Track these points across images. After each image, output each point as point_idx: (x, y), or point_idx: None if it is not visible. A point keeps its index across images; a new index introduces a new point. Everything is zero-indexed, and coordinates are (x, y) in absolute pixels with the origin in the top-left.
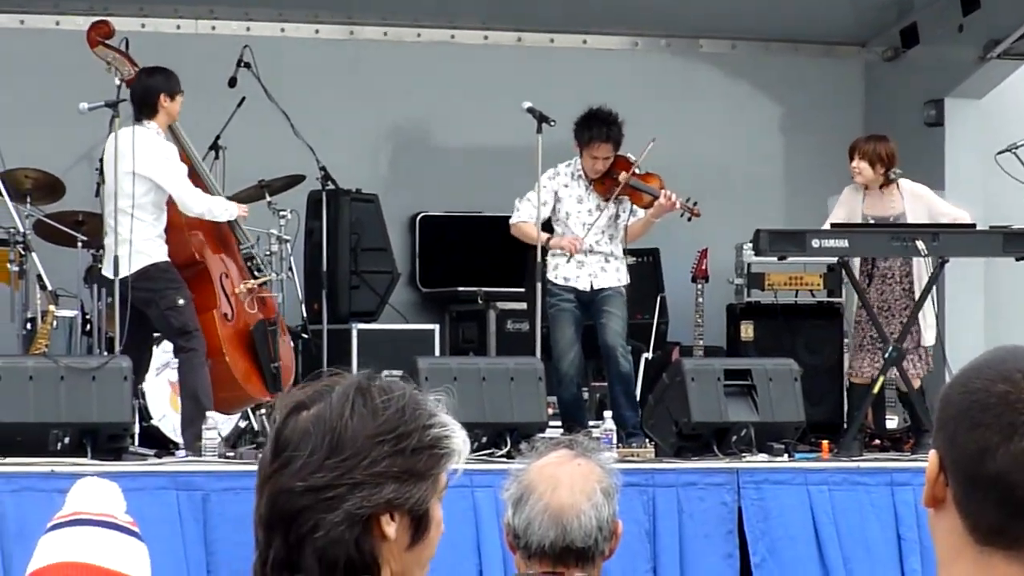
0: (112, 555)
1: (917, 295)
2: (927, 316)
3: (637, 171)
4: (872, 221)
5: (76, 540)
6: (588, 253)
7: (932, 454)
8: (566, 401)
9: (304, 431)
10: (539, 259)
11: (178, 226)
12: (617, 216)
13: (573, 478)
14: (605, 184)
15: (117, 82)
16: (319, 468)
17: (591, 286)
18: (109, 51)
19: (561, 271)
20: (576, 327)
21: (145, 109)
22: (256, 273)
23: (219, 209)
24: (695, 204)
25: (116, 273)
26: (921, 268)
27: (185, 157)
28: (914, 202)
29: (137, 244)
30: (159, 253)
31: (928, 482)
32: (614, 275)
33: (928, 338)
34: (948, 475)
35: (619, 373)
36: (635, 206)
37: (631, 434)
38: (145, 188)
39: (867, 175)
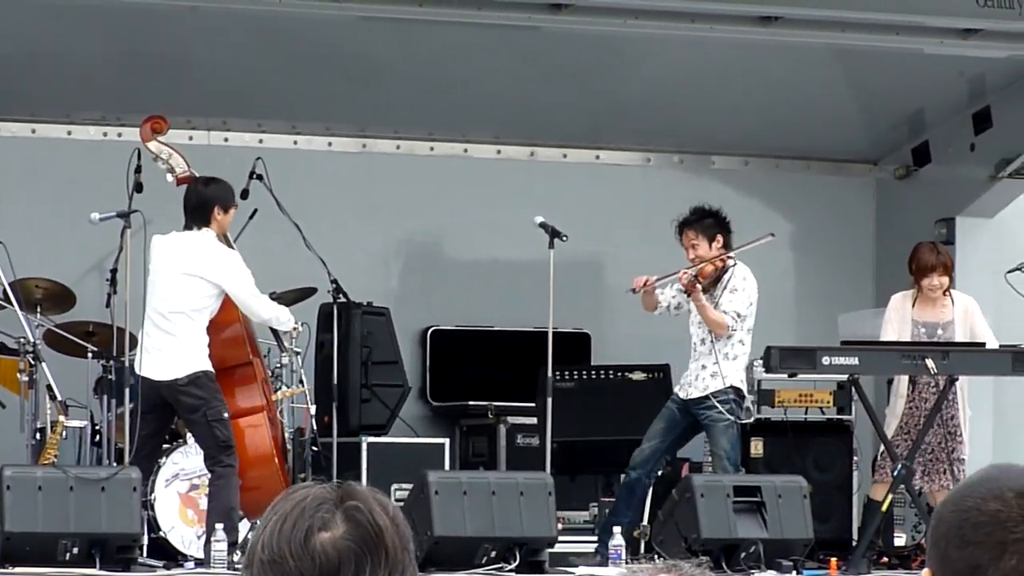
0: None
1: (960, 408)
2: (965, 430)
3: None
4: (922, 328)
5: None
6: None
7: (925, 572)
8: (625, 487)
9: (347, 551)
10: (549, 373)
11: (232, 322)
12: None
13: None
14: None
15: (169, 179)
16: None
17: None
18: (164, 147)
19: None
20: (668, 424)
21: (198, 218)
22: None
23: (285, 317)
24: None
25: (131, 372)
26: (962, 381)
27: None
28: (963, 315)
29: (190, 348)
30: (207, 362)
31: None
32: (699, 386)
33: (963, 451)
34: None
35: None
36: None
37: None
38: (206, 292)
39: (946, 285)
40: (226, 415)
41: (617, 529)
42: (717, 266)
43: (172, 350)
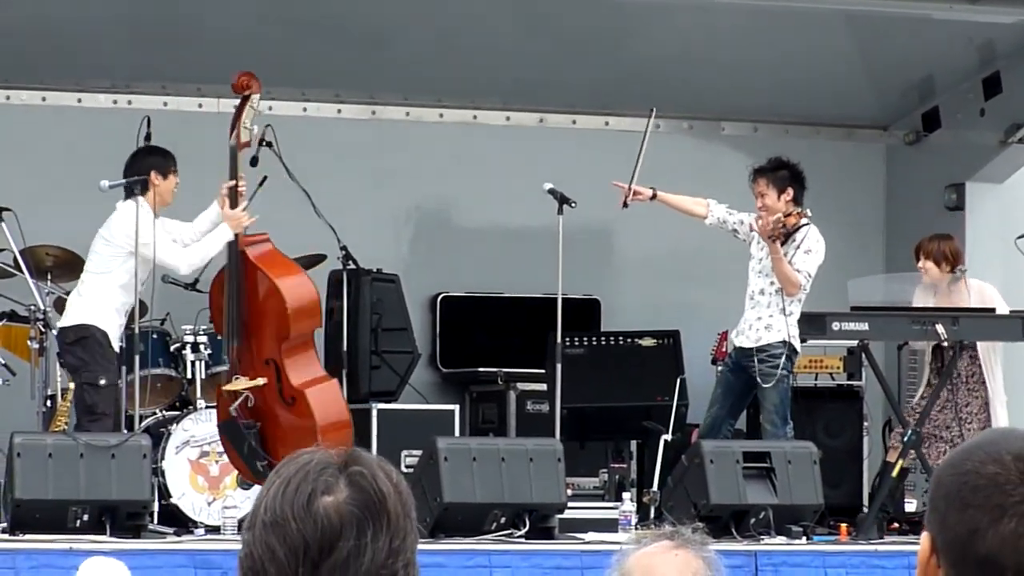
0: None
1: (988, 394)
2: (997, 418)
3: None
4: None
5: None
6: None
7: (924, 535)
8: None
9: (349, 515)
10: (559, 339)
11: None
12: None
13: (668, 568)
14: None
15: (245, 137)
16: (377, 552)
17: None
18: (240, 106)
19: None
20: (726, 389)
21: (136, 187)
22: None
23: (204, 252)
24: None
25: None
26: (989, 357)
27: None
28: (981, 301)
29: (90, 301)
30: (107, 322)
31: (920, 563)
32: (754, 335)
33: (1002, 415)
34: (940, 556)
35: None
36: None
37: None
38: (108, 252)
39: (933, 274)
40: (103, 381)
41: (627, 495)
42: (790, 223)
43: (72, 305)
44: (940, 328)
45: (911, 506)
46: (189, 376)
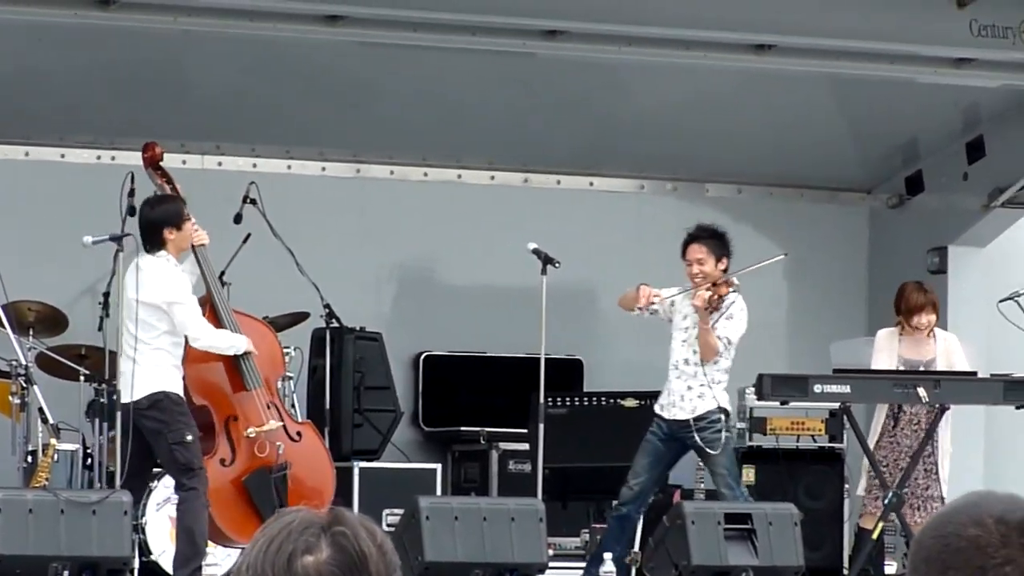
0: None
1: (942, 440)
2: (944, 468)
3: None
4: (905, 366)
5: None
6: (679, 376)
7: None
8: (615, 522)
9: (329, 574)
10: (541, 399)
11: (191, 360)
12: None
13: None
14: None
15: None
16: None
17: (671, 417)
18: (159, 176)
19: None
20: (655, 459)
21: (151, 242)
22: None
23: (224, 343)
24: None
25: (117, 398)
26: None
27: (207, 290)
28: (944, 353)
29: (151, 371)
30: (173, 384)
31: None
32: (686, 407)
33: (942, 490)
34: None
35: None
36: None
37: None
38: (157, 317)
39: (933, 323)
40: (189, 437)
41: (608, 555)
42: (723, 292)
43: (135, 374)
44: (922, 391)
45: (891, 568)
46: None
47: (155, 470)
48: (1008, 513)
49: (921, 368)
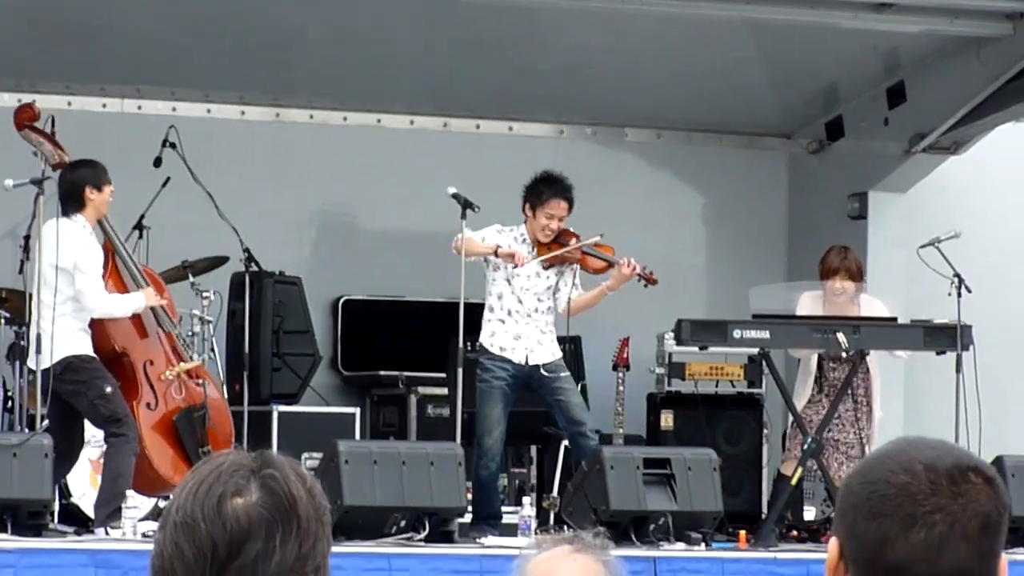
0: None
1: (874, 406)
2: (875, 395)
3: (587, 242)
4: None
5: None
6: (527, 321)
7: (832, 542)
8: (483, 479)
9: (259, 518)
10: (460, 344)
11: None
12: (557, 289)
13: (567, 573)
14: (551, 248)
15: (42, 166)
16: (286, 556)
17: (526, 360)
18: (35, 134)
19: (497, 340)
20: (505, 405)
21: (71, 203)
22: (187, 356)
23: (119, 309)
24: (651, 272)
25: (38, 363)
26: (873, 376)
27: (107, 241)
28: (871, 312)
29: (60, 336)
30: (82, 346)
31: (828, 570)
32: (550, 348)
33: (876, 413)
34: (848, 563)
35: (591, 450)
36: (576, 280)
37: None
38: (67, 282)
39: (850, 292)
40: (108, 389)
41: (527, 499)
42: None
43: (43, 342)
44: (841, 337)
45: (810, 514)
46: None
47: None
48: (938, 460)
49: None
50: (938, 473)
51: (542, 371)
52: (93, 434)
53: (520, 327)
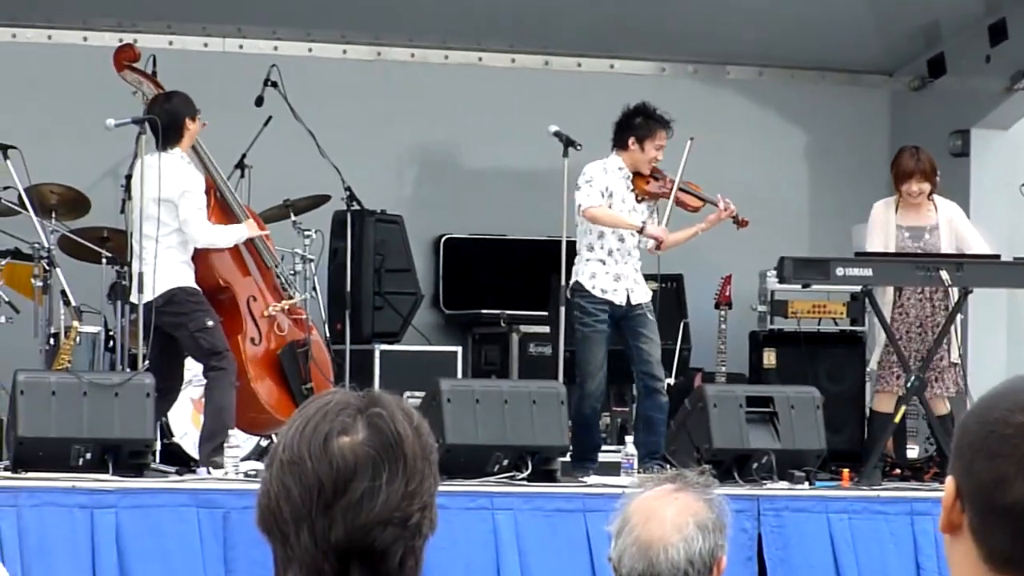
0: None
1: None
2: (953, 335)
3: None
4: (907, 233)
5: None
6: (627, 260)
7: (949, 480)
8: (587, 418)
9: (365, 457)
10: (563, 282)
11: (203, 252)
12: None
13: (667, 511)
14: (647, 183)
15: (142, 106)
16: (392, 495)
17: (628, 300)
18: (135, 74)
19: (599, 281)
20: (606, 348)
21: (172, 135)
22: (289, 295)
23: (223, 239)
24: (743, 217)
25: (140, 299)
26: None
27: (208, 176)
28: (946, 224)
29: (163, 269)
30: (186, 278)
31: (944, 508)
32: (644, 289)
33: (954, 354)
34: (964, 502)
35: (661, 404)
36: (665, 215)
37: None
38: (172, 215)
39: (925, 193)
40: (210, 323)
41: (629, 438)
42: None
43: (146, 274)
44: (944, 274)
45: (913, 452)
46: None
47: None
48: None
49: (925, 235)
50: None
51: (638, 311)
52: (195, 374)
53: (620, 266)
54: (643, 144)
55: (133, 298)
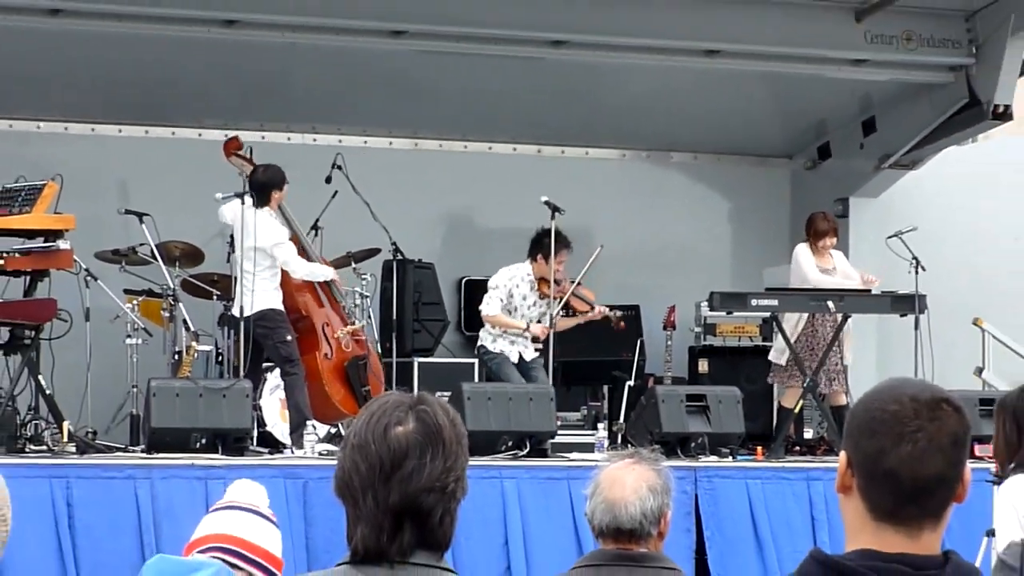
0: (256, 533)
1: (845, 351)
2: (847, 344)
3: (580, 284)
4: (821, 271)
5: (231, 520)
6: (523, 336)
7: (842, 454)
8: None
9: (415, 441)
10: (552, 312)
11: (289, 290)
12: (544, 313)
13: (627, 479)
14: (548, 287)
15: (244, 183)
16: (434, 470)
17: (520, 357)
18: (240, 159)
19: (499, 345)
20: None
21: (262, 197)
22: (352, 321)
23: (319, 273)
24: (620, 317)
25: (241, 314)
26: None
27: (293, 234)
28: (839, 262)
29: (259, 294)
30: (275, 302)
31: (839, 475)
32: (534, 352)
33: (848, 358)
34: (853, 470)
35: None
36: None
37: None
38: (264, 255)
39: (835, 243)
40: (288, 337)
41: (601, 425)
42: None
43: (244, 298)
44: (830, 303)
45: (808, 434)
46: None
47: (267, 364)
48: (919, 393)
49: (830, 273)
50: (919, 403)
51: (528, 364)
52: (277, 383)
53: (516, 338)
54: (547, 260)
55: (235, 312)
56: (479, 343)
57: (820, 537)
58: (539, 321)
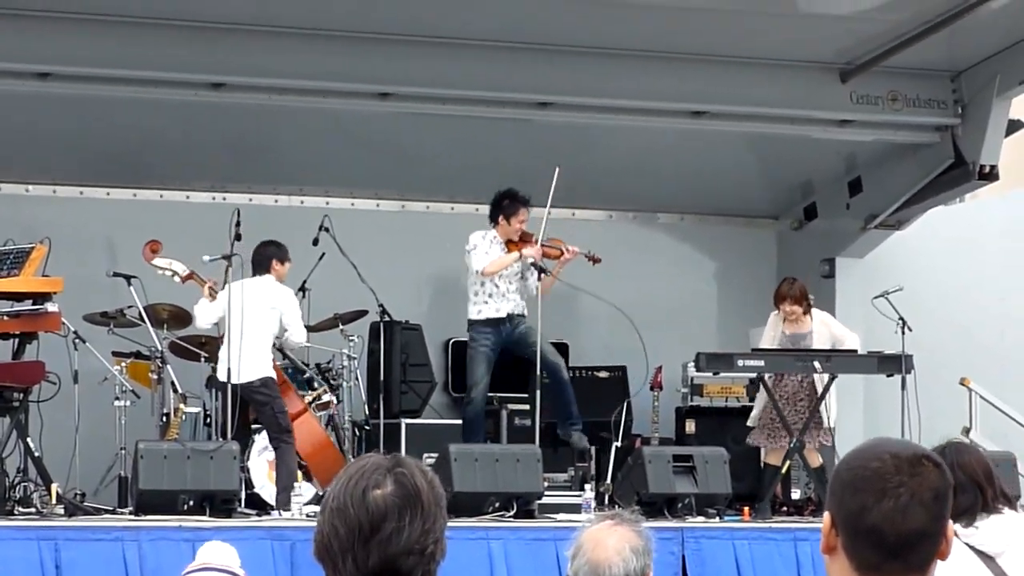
0: None
1: (819, 389)
2: (831, 404)
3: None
4: (788, 339)
5: None
6: (505, 298)
7: (826, 514)
8: (472, 418)
9: (393, 505)
10: (538, 373)
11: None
12: (523, 276)
13: (610, 540)
14: (518, 246)
15: (177, 281)
16: (413, 532)
17: (508, 315)
18: (162, 260)
19: (484, 313)
20: (488, 366)
21: (259, 267)
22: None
23: (305, 339)
24: (592, 253)
25: (229, 376)
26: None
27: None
28: (821, 326)
29: (263, 361)
30: (272, 370)
31: (824, 535)
32: (520, 307)
33: (833, 417)
34: (838, 529)
35: (567, 380)
36: (535, 268)
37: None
38: (273, 319)
39: (798, 312)
40: (286, 408)
41: (588, 486)
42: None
43: (242, 361)
44: (817, 364)
45: (795, 494)
46: None
47: (255, 426)
48: (901, 451)
49: (803, 340)
50: (901, 460)
51: (518, 320)
52: (265, 445)
53: (500, 305)
54: (509, 220)
55: (221, 376)
56: (468, 317)
57: None
58: (522, 277)
